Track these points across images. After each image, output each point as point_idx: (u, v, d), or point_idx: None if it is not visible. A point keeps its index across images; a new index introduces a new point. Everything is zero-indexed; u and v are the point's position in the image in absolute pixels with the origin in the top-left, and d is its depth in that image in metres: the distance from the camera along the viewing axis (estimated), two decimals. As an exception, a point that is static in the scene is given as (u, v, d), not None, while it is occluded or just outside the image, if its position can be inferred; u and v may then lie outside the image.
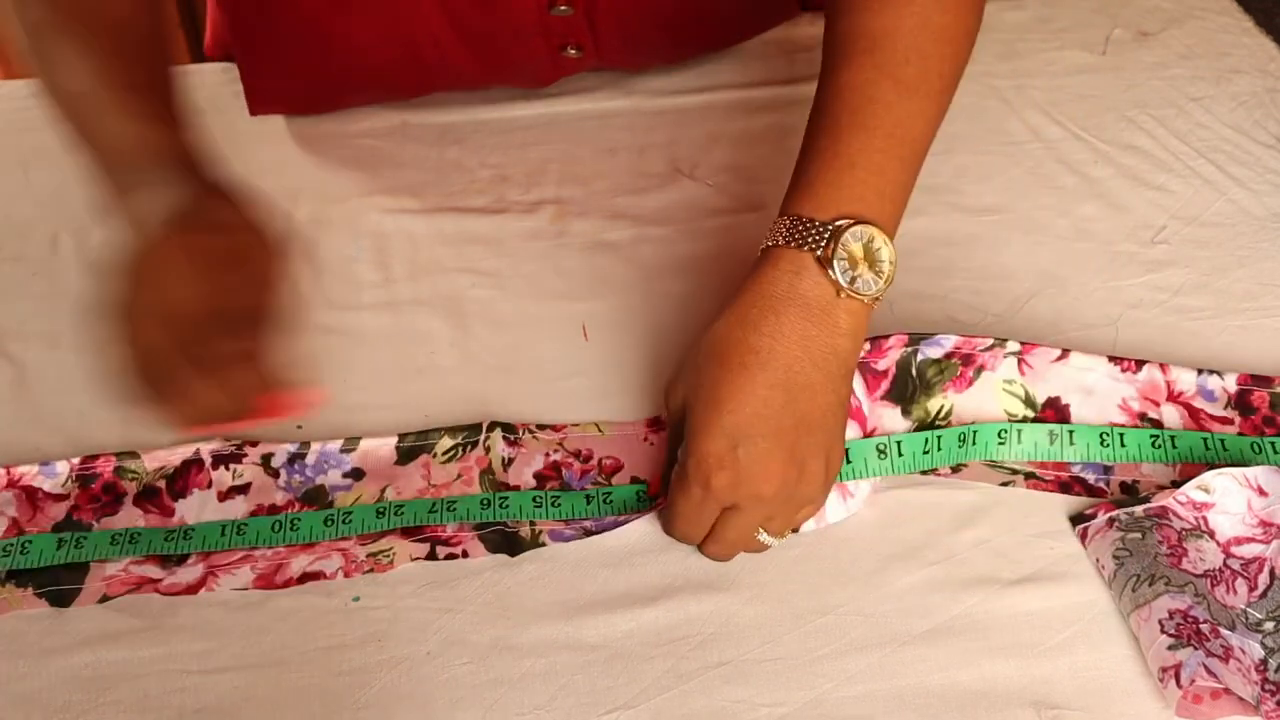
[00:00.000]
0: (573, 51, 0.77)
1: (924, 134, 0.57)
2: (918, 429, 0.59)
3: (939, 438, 0.57)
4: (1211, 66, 0.85)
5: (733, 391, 0.51)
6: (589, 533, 0.55)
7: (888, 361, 0.60)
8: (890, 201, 0.55)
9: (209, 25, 0.87)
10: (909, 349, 0.60)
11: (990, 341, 0.60)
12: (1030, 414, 0.60)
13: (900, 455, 0.56)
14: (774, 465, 0.51)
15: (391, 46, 0.75)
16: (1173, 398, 0.60)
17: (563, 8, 0.73)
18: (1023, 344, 0.61)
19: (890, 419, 0.59)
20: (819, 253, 0.52)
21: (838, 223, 0.52)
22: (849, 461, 0.56)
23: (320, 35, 0.73)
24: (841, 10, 0.57)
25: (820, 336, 0.52)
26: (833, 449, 0.53)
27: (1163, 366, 0.61)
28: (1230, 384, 0.60)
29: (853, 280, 0.52)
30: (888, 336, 0.60)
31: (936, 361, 0.60)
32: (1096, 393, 0.60)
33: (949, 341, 0.60)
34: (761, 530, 0.53)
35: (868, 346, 0.60)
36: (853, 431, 0.57)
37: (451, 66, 0.77)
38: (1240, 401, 0.60)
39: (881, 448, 0.56)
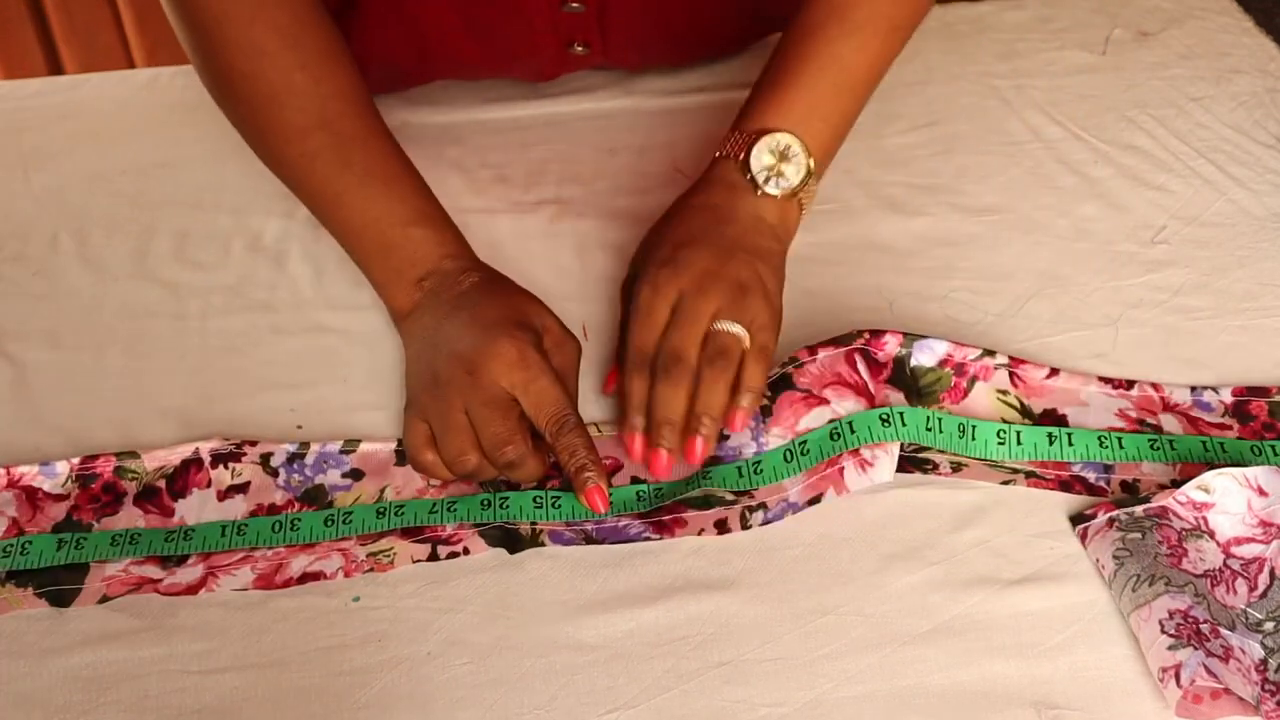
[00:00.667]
0: (580, 48, 0.77)
1: (865, 66, 0.65)
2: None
3: (940, 419, 0.57)
4: (1211, 66, 0.85)
5: (667, 224, 0.62)
6: (589, 539, 0.55)
7: (886, 355, 0.60)
8: (820, 119, 0.63)
9: None
10: (903, 349, 0.60)
11: (979, 352, 0.61)
12: (1029, 422, 0.60)
13: (904, 425, 0.56)
14: (706, 255, 0.59)
15: (399, 33, 0.75)
16: (1169, 409, 0.60)
17: (574, 4, 0.73)
18: (1011, 358, 0.61)
19: (897, 401, 0.60)
20: (741, 158, 0.62)
21: (758, 132, 0.62)
22: (853, 431, 0.56)
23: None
24: None
25: (743, 205, 0.62)
26: (766, 275, 0.60)
27: (1155, 386, 0.61)
28: (1226, 396, 0.60)
29: (767, 179, 0.62)
30: (884, 332, 0.61)
31: (931, 370, 0.60)
32: (1093, 405, 0.60)
33: (940, 349, 0.60)
34: (721, 320, 0.57)
35: (867, 336, 0.60)
36: (858, 406, 0.57)
37: (456, 56, 0.77)
38: (1238, 410, 0.60)
39: (884, 417, 0.56)
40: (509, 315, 0.58)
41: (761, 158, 0.62)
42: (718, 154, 0.64)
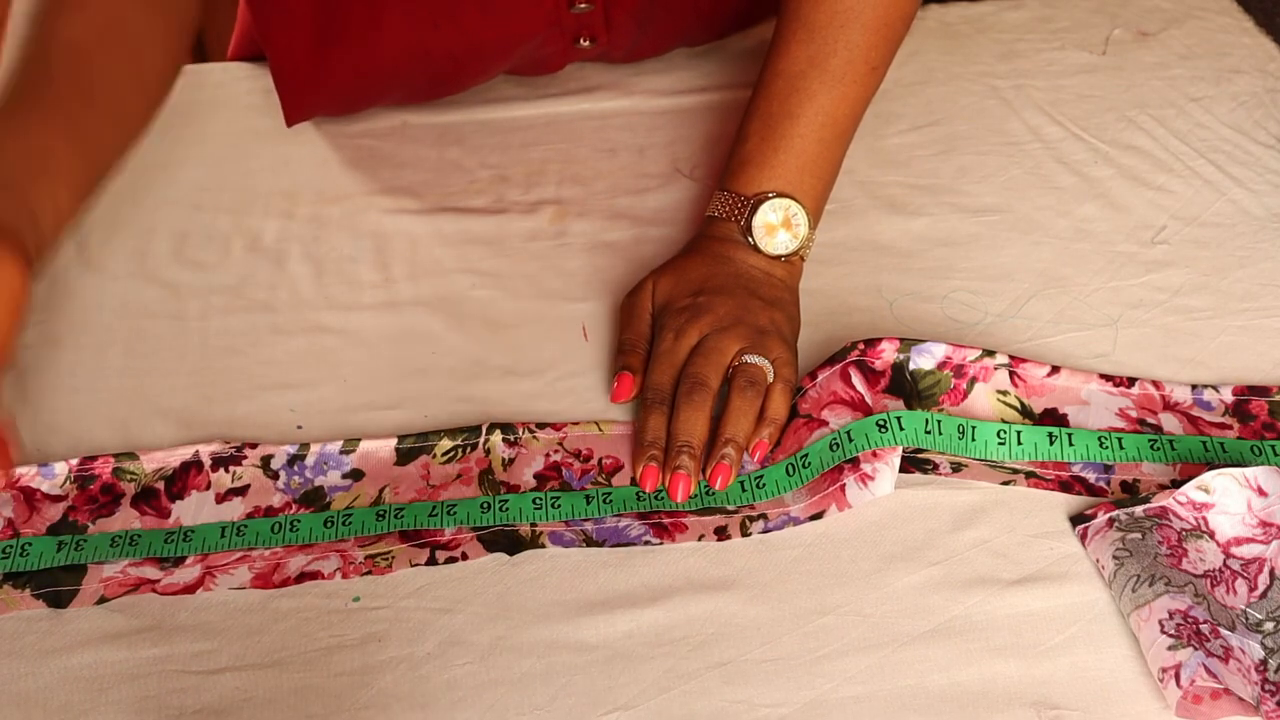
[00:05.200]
0: (586, 43, 0.78)
1: (848, 116, 0.66)
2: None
3: (939, 421, 0.57)
4: (1211, 66, 0.85)
5: (681, 276, 0.63)
6: (589, 540, 0.55)
7: (883, 363, 0.60)
8: (812, 176, 0.65)
9: (236, 32, 0.87)
10: (902, 355, 0.60)
11: (979, 353, 0.61)
12: (1029, 422, 0.60)
13: (901, 429, 0.56)
14: (727, 302, 0.61)
15: (412, 60, 0.75)
16: (1169, 408, 0.60)
17: (583, 5, 0.74)
18: (1011, 357, 0.61)
19: (896, 409, 0.59)
20: (741, 223, 0.64)
21: (758, 197, 0.64)
22: (851, 440, 0.56)
23: (354, 51, 0.74)
24: None
25: (750, 260, 0.64)
26: (782, 322, 0.61)
27: (1156, 383, 0.61)
28: (1226, 395, 0.60)
29: (769, 244, 0.64)
30: (880, 340, 0.60)
31: (930, 373, 0.60)
32: (1093, 404, 0.60)
33: (939, 351, 0.60)
34: (747, 355, 0.59)
35: (862, 346, 0.60)
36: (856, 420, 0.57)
37: (467, 72, 0.78)
38: (1238, 410, 0.60)
39: (881, 423, 0.56)
40: None
41: (762, 223, 0.64)
42: (713, 213, 0.66)
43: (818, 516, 0.56)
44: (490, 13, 0.72)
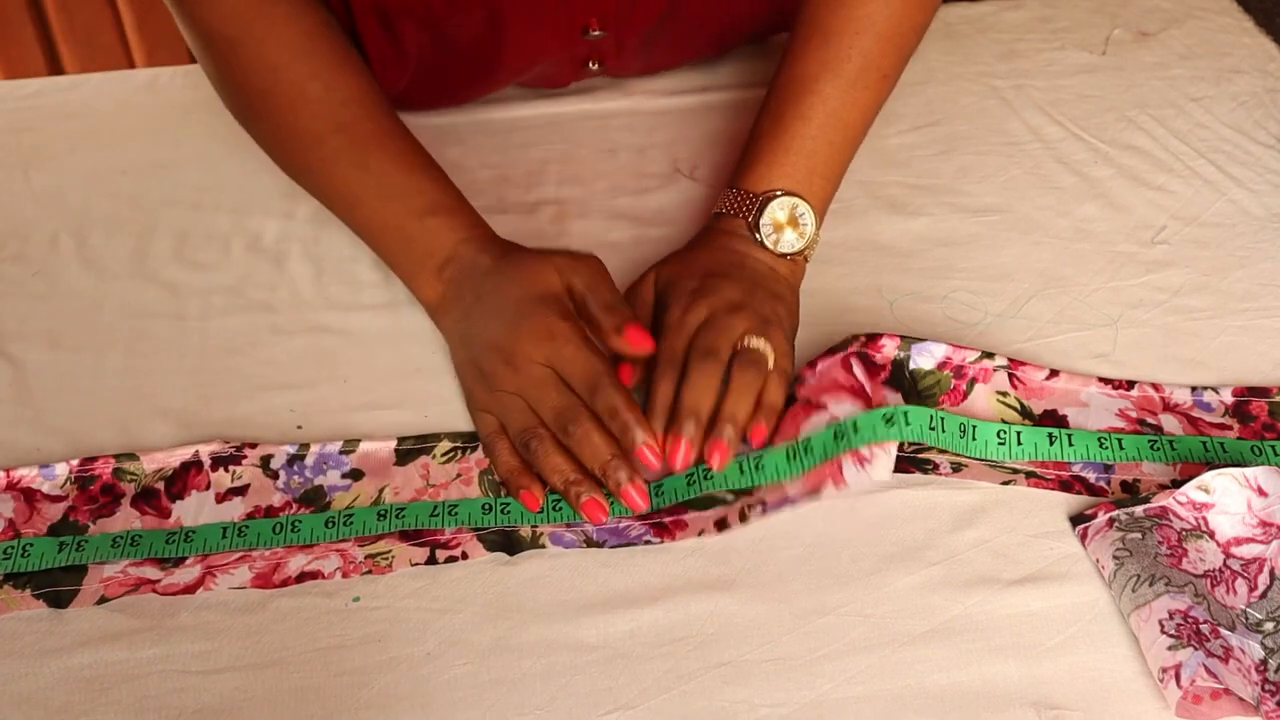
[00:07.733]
0: (595, 65, 0.78)
1: (858, 121, 0.67)
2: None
3: (942, 419, 0.57)
4: (1211, 66, 0.85)
5: (690, 261, 0.64)
6: (589, 541, 0.55)
7: (884, 357, 0.60)
8: (820, 177, 0.66)
9: None
10: (902, 353, 0.60)
11: (978, 354, 0.61)
12: (1029, 423, 0.60)
13: (908, 424, 0.56)
14: (734, 287, 0.61)
15: (429, 81, 0.76)
16: (1169, 409, 0.60)
17: (596, 32, 0.74)
18: (1011, 360, 0.61)
19: (895, 402, 0.59)
20: (750, 219, 0.64)
21: (766, 194, 0.65)
22: (857, 431, 0.55)
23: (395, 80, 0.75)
24: (808, 1, 0.68)
25: (756, 255, 0.64)
26: (784, 315, 0.62)
27: (1155, 386, 0.61)
28: (1226, 396, 0.60)
29: (776, 242, 0.64)
30: (881, 335, 0.60)
31: (930, 373, 0.60)
32: (1093, 406, 0.60)
33: (939, 351, 0.60)
34: (751, 338, 0.58)
35: (863, 339, 0.60)
36: (856, 408, 0.57)
37: (476, 89, 0.79)
38: (1238, 410, 0.60)
39: (888, 416, 0.56)
40: (528, 290, 0.59)
41: (770, 221, 0.64)
42: (721, 210, 0.66)
43: (815, 494, 0.55)
44: (502, 32, 0.72)
